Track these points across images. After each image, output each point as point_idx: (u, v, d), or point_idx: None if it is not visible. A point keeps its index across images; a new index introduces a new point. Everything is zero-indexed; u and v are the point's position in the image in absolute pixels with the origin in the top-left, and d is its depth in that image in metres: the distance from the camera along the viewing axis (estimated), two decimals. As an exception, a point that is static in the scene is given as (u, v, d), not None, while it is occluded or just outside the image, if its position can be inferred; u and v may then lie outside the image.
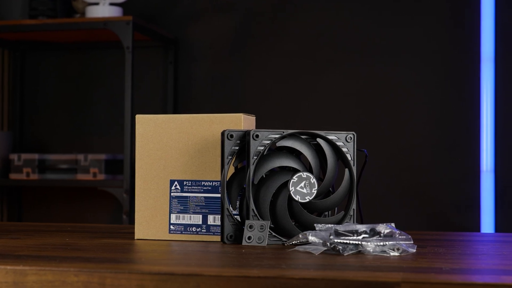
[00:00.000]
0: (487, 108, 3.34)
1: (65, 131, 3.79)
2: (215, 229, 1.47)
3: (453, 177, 3.38)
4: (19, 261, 1.11)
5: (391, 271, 1.02)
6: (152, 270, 1.02)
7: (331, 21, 3.52)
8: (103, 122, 3.74)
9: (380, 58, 3.46)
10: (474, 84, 3.34)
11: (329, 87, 3.50)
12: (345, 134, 1.46)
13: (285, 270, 1.04)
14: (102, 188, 3.36)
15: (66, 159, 3.45)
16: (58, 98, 3.82)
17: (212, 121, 1.48)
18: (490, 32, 3.35)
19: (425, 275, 0.99)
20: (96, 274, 1.02)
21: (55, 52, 3.83)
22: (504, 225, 3.32)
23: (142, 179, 1.51)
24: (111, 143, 3.67)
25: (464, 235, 1.70)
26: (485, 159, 3.35)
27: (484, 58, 3.35)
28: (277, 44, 3.57)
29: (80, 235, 1.55)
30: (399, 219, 3.39)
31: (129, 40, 3.27)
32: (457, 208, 3.38)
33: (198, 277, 0.99)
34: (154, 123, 1.51)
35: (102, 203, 3.69)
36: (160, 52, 3.69)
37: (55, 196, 3.77)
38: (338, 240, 1.25)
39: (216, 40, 3.64)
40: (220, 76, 3.63)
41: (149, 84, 3.69)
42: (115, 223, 3.61)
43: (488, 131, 3.34)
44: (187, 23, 3.67)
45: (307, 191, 1.42)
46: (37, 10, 3.48)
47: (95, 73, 3.78)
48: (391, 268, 1.05)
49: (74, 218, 3.72)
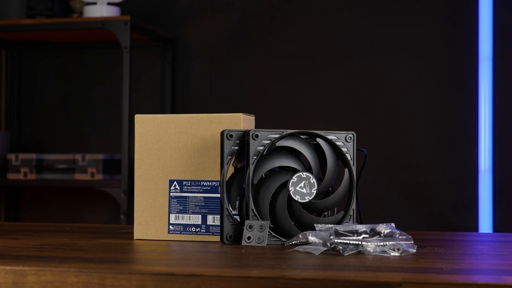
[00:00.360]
0: (485, 108, 3.34)
1: (63, 131, 3.78)
2: (215, 229, 1.47)
3: (451, 176, 3.38)
4: (18, 261, 1.11)
5: (392, 271, 1.02)
6: (152, 270, 1.02)
7: (330, 21, 3.51)
8: (101, 122, 3.74)
9: (379, 58, 3.45)
10: (472, 84, 3.34)
11: (327, 87, 3.50)
12: (345, 134, 1.46)
13: (286, 270, 1.03)
14: (100, 188, 3.35)
15: (64, 159, 3.44)
16: (56, 98, 3.81)
17: (212, 121, 1.48)
18: (488, 32, 3.35)
19: (426, 275, 0.99)
20: (96, 275, 1.01)
21: (53, 52, 3.82)
22: (502, 225, 3.32)
23: (141, 179, 1.50)
24: (109, 143, 3.66)
25: (463, 235, 1.70)
26: (483, 158, 3.35)
27: (482, 58, 3.35)
28: (275, 43, 3.56)
29: (79, 235, 1.55)
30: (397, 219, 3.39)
31: (127, 40, 3.26)
32: (455, 207, 3.38)
33: (198, 278, 0.98)
34: (153, 122, 1.51)
35: (100, 203, 3.69)
36: (158, 52, 3.69)
37: (52, 196, 3.76)
38: (338, 240, 1.25)
39: (214, 40, 3.64)
40: (218, 76, 3.63)
41: (147, 84, 3.68)
42: (113, 223, 3.60)
43: (486, 130, 3.34)
44: (185, 23, 3.66)
45: (306, 191, 1.42)
46: (34, 9, 3.48)
47: (93, 73, 3.78)
48: (392, 268, 1.05)
49: (72, 218, 3.71)
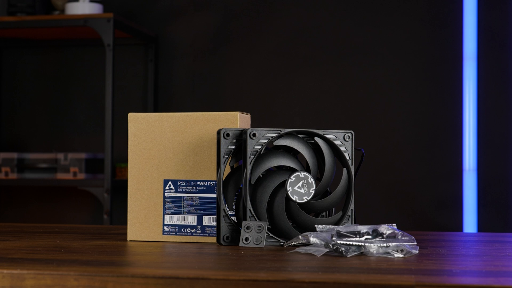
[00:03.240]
0: (469, 106, 3.34)
1: (44, 129, 3.73)
2: (210, 230, 1.44)
3: (436, 175, 3.37)
4: (15, 264, 1.07)
5: (402, 273, 0.99)
6: (156, 273, 0.99)
7: (312, 20, 3.49)
8: (83, 121, 3.69)
9: (362, 57, 3.44)
10: (457, 82, 3.34)
11: (308, 86, 3.48)
12: (343, 133, 1.43)
13: (294, 273, 1.01)
14: (83, 188, 3.31)
15: (45, 158, 3.40)
16: (37, 96, 3.76)
17: (207, 120, 1.45)
18: (472, 31, 3.35)
19: (438, 278, 0.96)
20: (98, 278, 0.98)
21: (34, 50, 3.77)
22: (486, 224, 3.32)
23: (134, 179, 1.47)
24: (92, 142, 3.62)
25: (461, 235, 1.69)
26: (468, 157, 3.34)
27: (467, 56, 3.35)
28: (257, 42, 3.54)
29: (70, 237, 1.51)
30: (381, 218, 3.38)
31: (110, 37, 3.22)
32: (439, 206, 3.37)
33: (204, 281, 0.95)
34: (147, 121, 1.47)
35: (82, 203, 3.64)
36: (141, 50, 3.65)
37: (34, 195, 3.71)
38: (340, 241, 1.22)
39: (197, 38, 3.61)
40: (201, 74, 3.60)
41: (129, 82, 3.64)
42: (95, 223, 3.56)
43: (470, 129, 3.34)
44: (168, 21, 3.63)
45: (304, 191, 1.39)
46: (15, 7, 3.42)
47: (75, 71, 3.73)
48: (400, 270, 1.03)
49: (53, 218, 3.66)
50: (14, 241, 1.43)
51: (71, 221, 3.64)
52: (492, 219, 3.33)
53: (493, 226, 3.31)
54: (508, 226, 3.33)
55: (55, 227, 1.75)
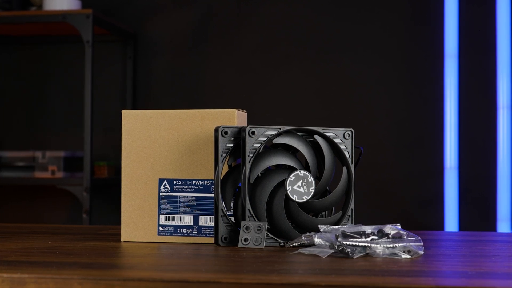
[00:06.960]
0: (450, 105, 3.33)
1: (22, 127, 3.66)
2: (207, 231, 1.40)
3: (417, 174, 3.35)
4: (14, 268, 1.03)
5: (418, 276, 0.96)
6: (164, 277, 0.95)
7: (291, 16, 3.46)
8: (61, 118, 3.62)
9: (342, 54, 3.41)
10: (438, 80, 3.32)
11: (288, 83, 3.44)
12: (343, 131, 1.41)
13: (307, 276, 0.97)
14: (61, 186, 3.25)
15: (23, 156, 3.33)
16: (14, 94, 3.69)
17: (204, 117, 1.41)
18: (454, 29, 3.33)
19: (456, 280, 0.94)
20: (103, 282, 0.94)
21: (11, 46, 3.70)
22: (467, 222, 3.31)
23: (128, 178, 1.43)
24: (70, 140, 3.56)
25: (459, 235, 1.67)
26: (449, 156, 3.33)
27: (448, 55, 3.33)
28: (236, 39, 3.50)
29: (60, 237, 1.47)
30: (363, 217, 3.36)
31: (89, 34, 3.16)
32: (420, 205, 3.36)
33: (215, 285, 0.92)
34: (141, 119, 1.43)
35: (61, 202, 3.58)
36: (119, 46, 3.60)
37: (11, 194, 3.64)
38: (346, 242, 1.19)
39: (176, 35, 3.56)
40: (180, 71, 3.55)
41: (107, 79, 3.58)
42: (74, 222, 3.50)
43: (452, 127, 3.32)
44: (147, 18, 3.58)
45: (304, 190, 1.36)
46: (-9, 2, 3.36)
47: (53, 67, 3.66)
48: (414, 273, 1.00)
49: (32, 218, 3.60)
50: (3, 242, 1.38)
51: (49, 220, 3.57)
52: (473, 217, 3.32)
53: (475, 224, 3.30)
54: (489, 224, 3.32)
55: (42, 227, 1.70)
